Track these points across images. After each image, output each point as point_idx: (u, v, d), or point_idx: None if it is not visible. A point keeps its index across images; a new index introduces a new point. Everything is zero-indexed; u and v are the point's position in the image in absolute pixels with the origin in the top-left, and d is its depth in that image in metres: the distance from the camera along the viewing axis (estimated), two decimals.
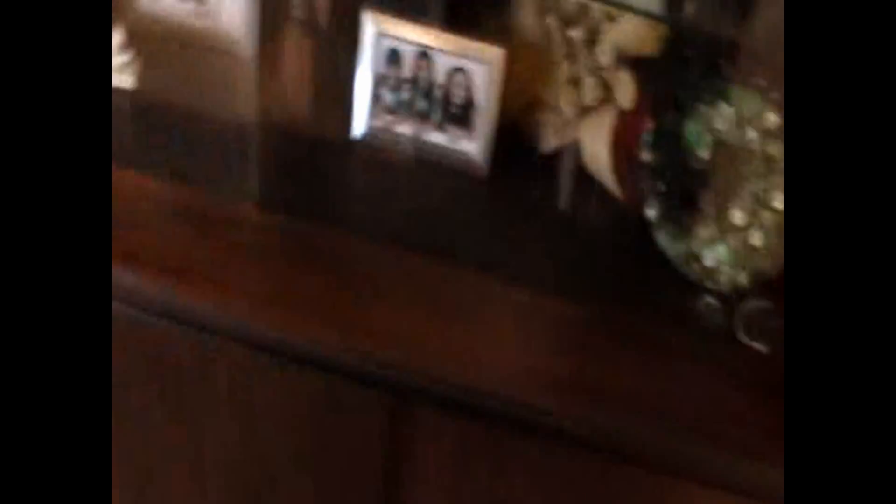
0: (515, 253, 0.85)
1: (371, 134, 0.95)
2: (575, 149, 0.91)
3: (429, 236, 0.86)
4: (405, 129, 0.94)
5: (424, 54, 0.92)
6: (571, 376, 0.78)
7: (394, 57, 0.93)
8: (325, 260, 0.85)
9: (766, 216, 0.82)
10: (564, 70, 0.92)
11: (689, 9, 0.89)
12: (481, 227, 0.88)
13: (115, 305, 0.85)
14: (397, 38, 0.92)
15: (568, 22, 0.92)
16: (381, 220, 0.88)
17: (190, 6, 1.04)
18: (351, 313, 0.81)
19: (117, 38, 1.01)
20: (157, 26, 1.05)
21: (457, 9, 0.96)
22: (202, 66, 1.03)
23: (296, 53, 0.98)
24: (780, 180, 0.81)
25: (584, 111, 0.90)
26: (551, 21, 0.93)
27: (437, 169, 0.92)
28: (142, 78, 1.00)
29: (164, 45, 1.04)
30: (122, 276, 0.84)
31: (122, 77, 0.99)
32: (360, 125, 0.95)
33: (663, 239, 0.84)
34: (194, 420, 0.90)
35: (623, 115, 0.87)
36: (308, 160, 0.93)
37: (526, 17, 0.94)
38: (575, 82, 0.91)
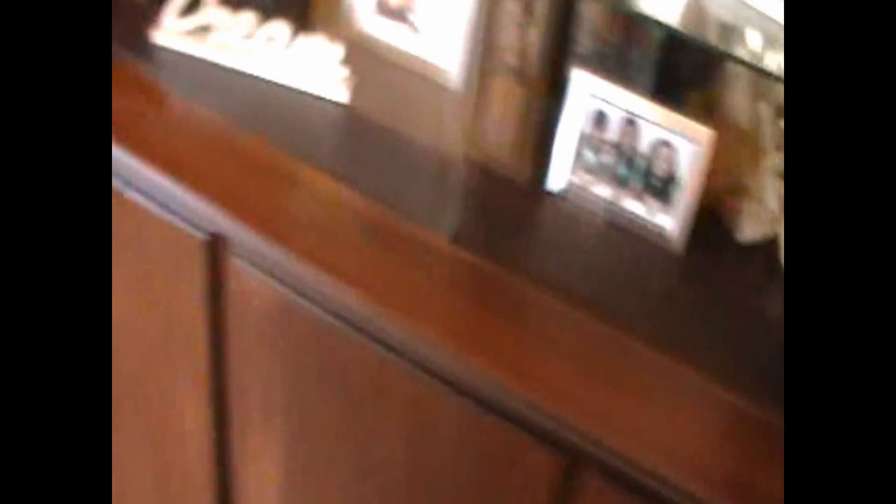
0: (698, 337, 0.85)
1: (568, 189, 0.96)
2: (775, 244, 0.91)
3: (612, 302, 0.87)
4: (602, 191, 0.95)
5: (632, 121, 0.93)
6: (736, 475, 0.77)
7: (600, 118, 0.94)
8: (506, 304, 0.87)
9: None
10: (773, 161, 0.91)
11: None
12: (667, 303, 0.88)
13: (305, 305, 0.89)
14: (606, 101, 0.93)
15: (781, 111, 0.92)
16: (567, 277, 0.89)
17: (405, 31, 1.08)
18: (527, 363, 0.82)
19: (336, 53, 1.06)
20: (373, 46, 1.09)
21: (665, 79, 0.97)
22: (411, 90, 1.06)
23: (503, 96, 1.00)
24: None
25: None
26: (763, 107, 0.92)
27: (629, 237, 0.93)
28: (355, 93, 1.04)
29: (377, 64, 1.08)
30: (313, 281, 0.88)
31: (338, 90, 1.04)
32: (558, 179, 0.96)
33: None
34: (364, 433, 0.93)
35: None
36: (503, 203, 0.95)
37: (736, 99, 0.94)
38: (783, 176, 0.90)
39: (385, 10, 1.10)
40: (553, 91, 0.97)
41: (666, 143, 0.91)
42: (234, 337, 0.97)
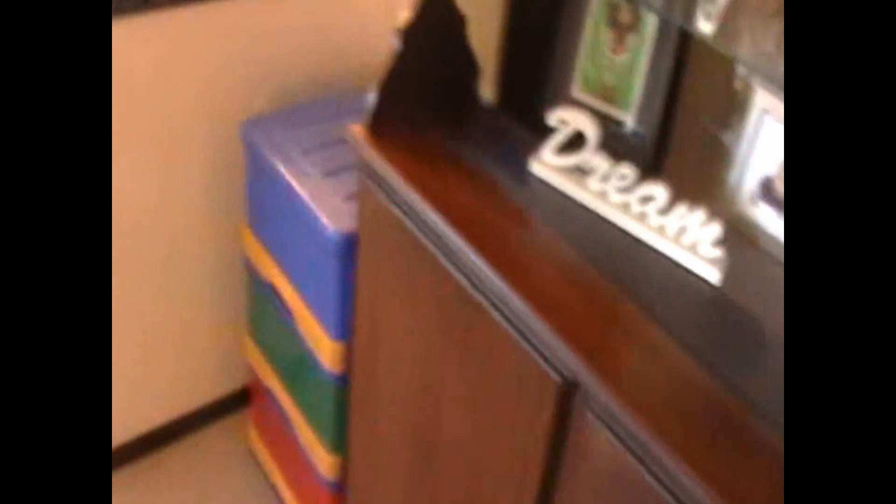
0: None
1: None
2: None
3: None
4: None
5: None
6: None
7: None
8: None
9: None
10: None
11: None
12: None
13: (649, 482, 0.81)
14: None
15: None
16: None
17: None
18: None
19: (712, 231, 1.00)
20: (752, 232, 1.03)
21: None
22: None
23: None
24: None
25: None
26: None
27: None
28: (726, 276, 0.97)
29: (754, 252, 1.01)
30: (660, 460, 0.80)
31: (707, 269, 0.97)
32: None
33: None
34: None
35: None
36: None
37: None
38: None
39: (770, 198, 1.04)
40: None
41: None
42: (566, 483, 0.89)
